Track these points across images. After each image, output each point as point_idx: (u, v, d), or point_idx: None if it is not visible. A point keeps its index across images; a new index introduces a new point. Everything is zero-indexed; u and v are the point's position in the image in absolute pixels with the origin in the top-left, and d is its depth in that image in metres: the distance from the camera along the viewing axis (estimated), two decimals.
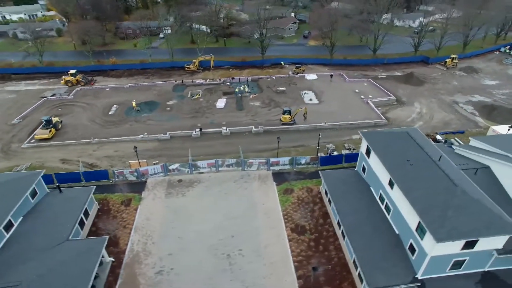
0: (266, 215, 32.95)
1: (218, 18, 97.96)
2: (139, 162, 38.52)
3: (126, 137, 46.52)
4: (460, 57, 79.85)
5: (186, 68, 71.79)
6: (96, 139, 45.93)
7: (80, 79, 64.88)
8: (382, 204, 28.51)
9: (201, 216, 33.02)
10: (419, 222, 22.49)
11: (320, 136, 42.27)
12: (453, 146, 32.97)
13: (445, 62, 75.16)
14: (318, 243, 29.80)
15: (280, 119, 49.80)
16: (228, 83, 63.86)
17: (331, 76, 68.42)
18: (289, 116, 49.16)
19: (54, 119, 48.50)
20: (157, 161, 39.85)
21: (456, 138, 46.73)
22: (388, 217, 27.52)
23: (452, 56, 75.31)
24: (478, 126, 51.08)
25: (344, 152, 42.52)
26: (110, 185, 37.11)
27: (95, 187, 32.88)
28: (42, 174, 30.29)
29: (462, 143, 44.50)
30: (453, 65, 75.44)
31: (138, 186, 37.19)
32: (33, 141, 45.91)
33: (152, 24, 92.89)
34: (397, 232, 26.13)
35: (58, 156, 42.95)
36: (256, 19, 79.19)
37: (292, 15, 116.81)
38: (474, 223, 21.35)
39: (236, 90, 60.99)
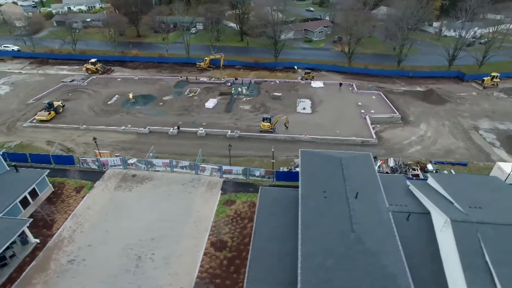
0: (195, 224, 32.32)
1: (248, 17, 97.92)
2: (99, 153, 40.57)
3: (110, 127, 49.29)
4: (508, 76, 68.72)
5: (197, 66, 73.22)
6: (84, 126, 49.49)
7: (99, 68, 70.29)
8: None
9: (136, 214, 33.65)
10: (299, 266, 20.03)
11: (273, 150, 40.06)
12: (408, 182, 28.50)
13: (483, 80, 65.14)
14: (232, 263, 28.33)
15: (260, 126, 48.23)
16: (229, 84, 63.59)
17: (340, 84, 64.07)
18: (268, 124, 47.30)
19: (56, 103, 53.39)
20: (118, 154, 41.57)
21: (452, 171, 40.49)
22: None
23: (493, 74, 64.91)
24: (489, 159, 43.52)
25: None
26: (73, 171, 39.69)
27: (48, 170, 35.53)
28: (1, 152, 33.69)
29: None
30: (493, 84, 65.11)
31: (96, 175, 39.19)
32: (34, 121, 51.14)
33: (186, 19, 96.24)
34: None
35: (47, 138, 47.26)
36: (268, 20, 76.77)
37: (327, 18, 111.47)
38: (355, 281, 18.20)
39: (233, 91, 60.49)
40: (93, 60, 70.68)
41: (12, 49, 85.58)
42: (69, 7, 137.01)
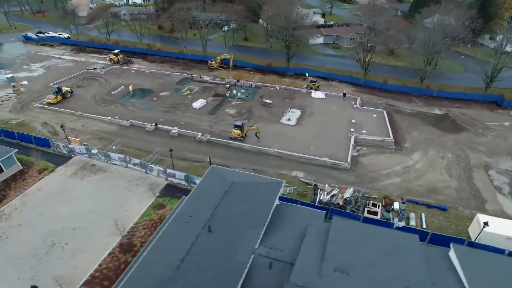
0: (117, 222, 32.55)
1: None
2: (68, 139, 43.61)
3: (100, 116, 52.63)
4: None
5: (209, 64, 73.98)
6: (79, 112, 53.71)
7: (120, 59, 75.46)
8: None
9: (74, 202, 35.49)
10: None
11: (209, 160, 38.40)
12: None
13: None
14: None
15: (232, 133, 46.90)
16: (228, 85, 62.98)
17: (344, 95, 59.01)
18: (239, 131, 45.74)
19: (65, 89, 58.82)
20: (86, 143, 44.19)
21: (423, 214, 34.55)
22: None
23: None
24: (482, 207, 36.03)
25: None
26: (45, 153, 43.45)
27: (16, 150, 39.47)
28: None
29: (424, 222, 33.20)
30: None
31: (63, 160, 42.31)
32: (44, 103, 57.11)
33: (221, 17, 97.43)
34: None
35: (45, 119, 52.40)
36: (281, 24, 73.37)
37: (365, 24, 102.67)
38: None
39: (228, 94, 59.75)
40: (116, 51, 76.18)
41: (64, 37, 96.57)
42: (127, 0, 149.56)
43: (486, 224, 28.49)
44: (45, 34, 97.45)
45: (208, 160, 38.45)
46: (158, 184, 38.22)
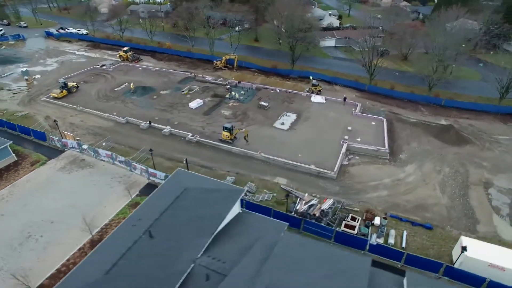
0: (93, 218, 33.28)
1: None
2: (61, 134, 45.02)
3: (98, 112, 54.05)
4: None
5: (214, 64, 74.12)
6: (80, 107, 55.44)
7: (129, 56, 77.25)
8: None
9: (58, 195, 36.58)
10: None
11: (184, 162, 38.08)
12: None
13: None
14: None
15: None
16: (228, 86, 62.73)
17: (344, 99, 57.18)
18: (228, 133, 45.36)
19: (71, 84, 60.92)
20: (79, 138, 45.43)
21: (405, 232, 32.65)
22: None
23: None
24: (473, 229, 33.55)
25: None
26: (42, 146, 45.19)
27: (11, 141, 41.25)
28: None
29: (405, 241, 31.44)
30: None
31: (56, 153, 43.80)
32: (50, 97, 59.46)
33: (236, 16, 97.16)
34: None
35: (48, 113, 54.52)
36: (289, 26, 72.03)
37: (380, 27, 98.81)
38: None
39: (227, 95, 59.51)
40: (125, 48, 78.09)
41: (82, 33, 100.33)
42: None
43: (464, 248, 26.39)
44: (66, 30, 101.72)
45: (185, 161, 38.29)
46: (140, 182, 38.63)
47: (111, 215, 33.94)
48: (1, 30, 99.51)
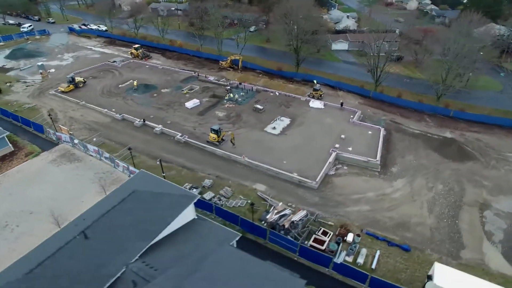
0: (68, 212, 34.04)
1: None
2: (55, 128, 46.77)
3: (98, 108, 55.69)
4: None
5: (220, 64, 74.15)
6: (83, 102, 57.43)
7: (140, 53, 79.09)
8: None
9: (42, 187, 37.96)
10: None
11: (159, 162, 37.88)
12: None
13: None
14: None
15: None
16: (228, 87, 62.43)
17: (341, 104, 55.15)
18: (215, 136, 45.04)
19: (78, 79, 63.28)
20: (72, 132, 46.97)
21: (378, 251, 30.76)
22: None
23: None
24: (455, 255, 30.97)
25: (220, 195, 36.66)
26: (39, 138, 47.28)
27: (8, 132, 43.50)
28: None
29: (376, 261, 29.66)
30: None
31: (50, 146, 45.61)
32: (59, 91, 62.12)
33: (251, 17, 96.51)
34: None
35: (52, 106, 56.96)
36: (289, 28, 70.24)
37: (397, 31, 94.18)
38: None
39: (226, 97, 59.20)
40: (136, 45, 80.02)
41: (101, 29, 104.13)
42: None
43: (429, 278, 24.33)
44: (87, 26, 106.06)
45: (159, 162, 38.30)
46: (121, 180, 39.07)
47: (84, 210, 34.62)
48: (31, 25, 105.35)
